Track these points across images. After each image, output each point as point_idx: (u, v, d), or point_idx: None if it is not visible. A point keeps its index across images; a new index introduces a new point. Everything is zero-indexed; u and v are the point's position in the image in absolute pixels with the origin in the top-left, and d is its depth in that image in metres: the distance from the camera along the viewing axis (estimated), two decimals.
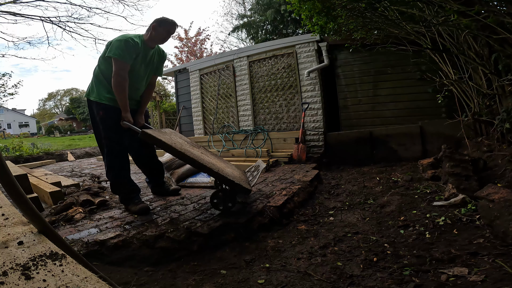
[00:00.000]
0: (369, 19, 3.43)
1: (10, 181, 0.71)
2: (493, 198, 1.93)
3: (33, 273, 0.61)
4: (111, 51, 2.20)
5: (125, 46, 2.21)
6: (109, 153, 2.34)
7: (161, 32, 2.36)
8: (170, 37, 2.44)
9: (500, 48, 2.56)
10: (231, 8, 25.59)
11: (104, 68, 2.32)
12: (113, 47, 2.20)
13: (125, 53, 2.21)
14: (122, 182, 2.41)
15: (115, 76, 2.21)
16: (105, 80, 2.32)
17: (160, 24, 2.34)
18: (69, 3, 8.86)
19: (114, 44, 2.22)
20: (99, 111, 2.31)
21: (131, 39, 2.27)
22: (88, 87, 2.44)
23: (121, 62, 2.20)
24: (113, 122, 2.30)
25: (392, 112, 4.59)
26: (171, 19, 2.39)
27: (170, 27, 2.38)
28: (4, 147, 7.97)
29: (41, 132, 35.49)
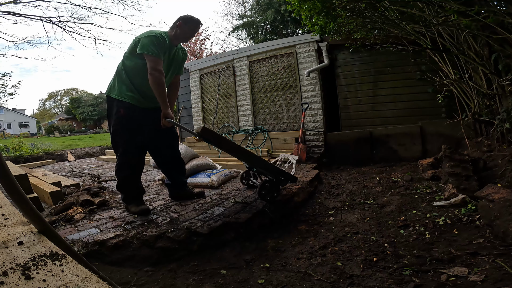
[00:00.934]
0: (369, 19, 3.43)
1: (10, 181, 0.71)
2: (493, 198, 1.93)
3: (33, 273, 0.61)
4: (143, 48, 2.13)
5: (156, 41, 2.17)
6: (123, 154, 2.29)
7: (186, 30, 2.33)
8: (193, 35, 2.43)
9: (500, 48, 2.56)
10: (231, 8, 25.62)
11: (129, 64, 2.26)
12: (145, 44, 2.14)
13: (157, 48, 2.16)
14: (130, 184, 2.36)
15: (152, 73, 2.13)
16: (127, 78, 2.27)
17: (186, 23, 2.31)
18: (69, 3, 8.86)
19: (145, 40, 2.16)
20: (119, 109, 2.24)
21: (159, 35, 2.22)
22: (109, 84, 2.38)
23: (154, 58, 2.15)
24: (133, 121, 2.25)
25: (392, 112, 4.59)
26: (197, 18, 2.36)
27: (195, 26, 2.36)
28: (4, 147, 7.97)
29: (41, 132, 35.50)
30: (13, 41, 10.59)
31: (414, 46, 3.60)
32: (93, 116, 32.14)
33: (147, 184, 3.44)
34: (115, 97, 2.27)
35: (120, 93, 2.26)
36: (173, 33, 2.32)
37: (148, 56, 2.14)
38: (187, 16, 2.33)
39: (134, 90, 2.25)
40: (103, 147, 8.76)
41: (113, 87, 2.31)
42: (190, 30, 2.34)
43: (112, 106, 2.32)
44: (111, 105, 2.33)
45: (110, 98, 2.33)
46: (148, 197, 2.79)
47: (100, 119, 32.48)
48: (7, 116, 42.11)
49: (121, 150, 2.29)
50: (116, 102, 2.26)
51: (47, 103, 55.11)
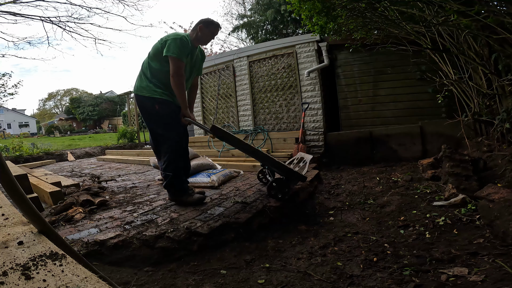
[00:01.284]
0: (369, 19, 3.43)
1: (10, 181, 0.71)
2: (493, 198, 1.93)
3: (33, 273, 0.61)
4: (169, 50, 2.23)
5: (181, 44, 2.26)
6: (169, 147, 2.38)
7: (207, 33, 2.42)
8: (213, 38, 2.52)
9: (500, 48, 2.56)
10: (231, 8, 25.62)
11: (156, 66, 2.36)
12: (171, 46, 2.24)
13: (181, 51, 2.26)
14: (179, 176, 2.44)
15: (175, 75, 2.25)
16: (154, 77, 2.37)
17: (206, 26, 2.41)
18: (69, 3, 8.87)
19: (171, 42, 2.25)
20: (154, 105, 2.34)
21: (184, 37, 2.31)
22: (136, 84, 2.46)
23: (178, 60, 2.25)
24: (170, 115, 2.36)
25: (392, 112, 4.59)
26: (216, 22, 2.47)
27: (214, 29, 2.46)
28: (4, 147, 7.97)
29: (41, 132, 35.49)
30: (13, 41, 10.60)
31: (414, 46, 3.60)
32: (93, 116, 32.15)
33: (147, 184, 3.44)
34: (147, 95, 2.36)
35: (151, 91, 2.35)
36: (194, 35, 2.42)
37: (172, 58, 2.24)
38: (208, 20, 2.43)
39: (162, 87, 2.36)
40: (103, 147, 8.76)
41: (142, 86, 2.39)
42: (211, 33, 2.44)
43: (144, 104, 2.40)
44: (143, 103, 2.41)
45: (141, 97, 2.40)
46: (148, 197, 2.79)
47: (100, 119, 32.47)
48: (7, 116, 42.12)
49: (167, 144, 2.38)
50: (149, 99, 2.36)
51: (47, 103, 55.12)
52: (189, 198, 2.43)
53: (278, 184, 2.50)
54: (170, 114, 2.36)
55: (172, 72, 2.26)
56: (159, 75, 2.36)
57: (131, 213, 2.29)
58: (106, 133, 23.47)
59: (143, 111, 2.44)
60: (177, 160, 2.40)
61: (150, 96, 2.35)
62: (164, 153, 2.41)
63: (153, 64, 2.37)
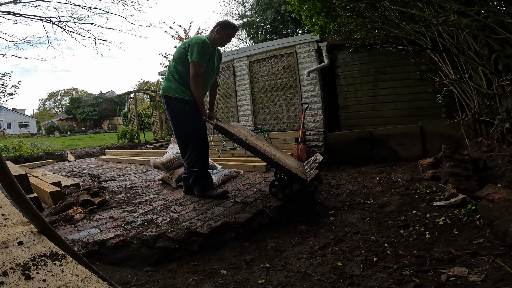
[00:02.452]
0: (369, 19, 3.43)
1: (10, 181, 0.71)
2: (493, 198, 1.93)
3: (33, 273, 0.61)
4: (192, 55, 2.37)
5: (202, 49, 2.38)
6: (196, 145, 2.53)
7: (223, 35, 2.51)
8: (230, 40, 2.60)
9: (500, 48, 2.56)
10: (231, 8, 25.60)
11: (181, 68, 2.48)
12: (194, 51, 2.37)
13: (203, 56, 2.40)
14: (206, 171, 2.63)
15: (194, 79, 2.40)
16: (180, 79, 2.50)
17: (223, 28, 2.50)
18: (69, 3, 8.87)
19: (195, 47, 2.37)
20: (184, 106, 2.48)
21: (206, 41, 2.43)
22: (164, 85, 2.58)
23: (200, 65, 2.39)
24: (198, 115, 2.51)
25: (392, 112, 4.59)
26: (234, 24, 2.57)
27: (231, 32, 2.54)
28: (4, 147, 7.97)
29: (41, 132, 35.48)
30: (13, 41, 10.61)
31: (414, 46, 3.60)
32: (93, 116, 32.15)
33: (147, 184, 3.44)
34: (176, 96, 2.49)
35: (180, 92, 2.49)
36: (212, 37, 2.52)
37: (193, 62, 2.38)
38: (225, 22, 2.52)
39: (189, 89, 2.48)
40: (103, 147, 8.76)
41: (170, 87, 2.52)
42: (227, 35, 2.52)
43: (172, 105, 2.52)
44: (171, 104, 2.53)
45: (169, 98, 2.53)
46: (148, 197, 2.79)
47: (100, 119, 32.48)
48: (7, 116, 42.12)
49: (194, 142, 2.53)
50: (178, 100, 2.49)
51: (47, 103, 55.09)
52: (213, 192, 2.61)
53: (280, 183, 2.50)
54: (198, 114, 2.50)
55: (192, 76, 2.40)
56: (185, 78, 2.48)
57: (131, 213, 2.29)
58: (106, 133, 23.48)
59: (171, 111, 2.54)
60: (203, 157, 2.57)
61: (180, 97, 2.48)
62: (191, 150, 2.55)
63: (178, 67, 2.49)
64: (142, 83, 32.05)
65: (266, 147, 2.71)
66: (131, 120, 12.21)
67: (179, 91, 2.48)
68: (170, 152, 3.42)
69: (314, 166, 2.65)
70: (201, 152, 2.56)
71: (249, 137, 2.63)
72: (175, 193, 2.92)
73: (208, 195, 2.62)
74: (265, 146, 2.69)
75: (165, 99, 2.55)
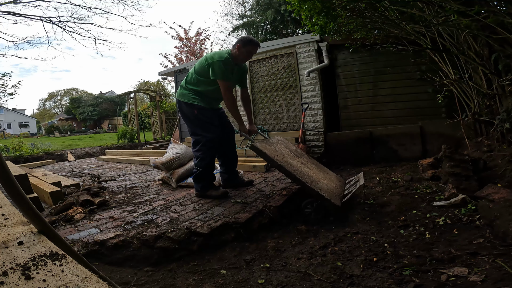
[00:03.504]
0: (369, 19, 3.42)
1: (10, 181, 0.71)
2: (493, 198, 1.93)
3: (33, 273, 0.61)
4: (215, 74, 2.50)
5: (224, 68, 2.50)
6: (202, 146, 2.63)
7: (244, 52, 2.59)
8: (251, 57, 2.70)
9: (500, 48, 2.56)
10: (231, 8, 25.55)
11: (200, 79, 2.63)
12: (215, 70, 2.49)
13: (226, 74, 2.52)
14: (208, 172, 2.70)
15: (225, 96, 2.57)
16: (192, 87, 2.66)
17: (244, 45, 2.57)
18: (69, 3, 8.86)
19: (216, 66, 2.49)
20: (193, 110, 2.63)
21: (227, 58, 2.53)
22: (178, 90, 2.78)
23: (226, 83, 2.53)
24: (207, 117, 2.65)
25: (392, 112, 4.59)
26: (255, 41, 2.62)
27: (252, 48, 2.61)
28: (4, 147, 7.97)
29: (41, 132, 35.47)
30: (13, 41, 10.60)
31: (414, 46, 3.60)
32: (93, 116, 32.14)
33: (147, 184, 3.44)
34: (188, 101, 2.66)
35: (191, 98, 2.65)
36: (234, 53, 2.61)
37: (220, 82, 2.53)
38: (246, 39, 2.60)
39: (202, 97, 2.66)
40: (103, 147, 8.76)
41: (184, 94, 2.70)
42: (247, 52, 2.61)
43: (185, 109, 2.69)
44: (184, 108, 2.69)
45: (182, 103, 2.70)
46: (148, 197, 2.79)
47: (100, 119, 32.48)
48: (7, 116, 42.12)
49: (200, 144, 2.64)
50: (189, 105, 2.65)
51: (47, 103, 55.07)
52: (213, 193, 2.66)
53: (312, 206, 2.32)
54: (207, 118, 2.64)
55: (223, 93, 2.57)
56: (201, 87, 2.64)
57: (131, 213, 2.29)
58: (106, 133, 23.47)
59: (183, 114, 2.73)
60: (208, 158, 2.64)
61: (190, 102, 2.64)
62: (198, 149, 2.65)
63: (197, 78, 2.64)
64: (142, 83, 32.01)
65: (303, 165, 2.61)
66: (131, 120, 12.21)
67: (189, 97, 2.65)
68: (170, 152, 3.42)
69: (354, 189, 2.42)
70: (206, 154, 2.63)
71: (286, 155, 2.59)
72: (175, 193, 2.92)
73: (207, 195, 2.66)
74: (302, 165, 2.59)
75: (178, 103, 2.76)
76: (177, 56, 18.20)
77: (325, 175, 2.74)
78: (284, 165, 2.31)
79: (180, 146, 3.56)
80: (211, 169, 2.73)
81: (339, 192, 2.47)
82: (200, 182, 2.70)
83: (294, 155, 2.79)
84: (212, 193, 2.66)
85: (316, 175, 2.56)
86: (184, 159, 3.39)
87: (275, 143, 2.78)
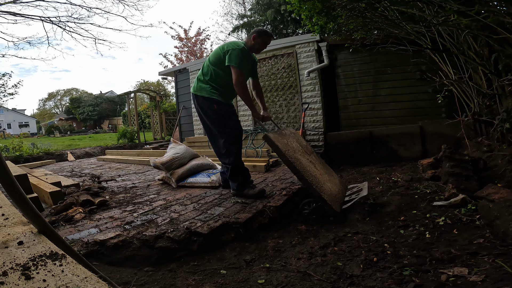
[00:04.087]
0: (369, 19, 3.43)
1: (10, 181, 0.71)
2: (493, 198, 1.93)
3: (33, 273, 0.61)
4: (231, 60, 2.46)
5: (241, 55, 2.47)
6: (226, 141, 2.58)
7: (259, 41, 2.62)
8: (265, 47, 2.71)
9: (500, 48, 2.56)
10: (231, 8, 25.56)
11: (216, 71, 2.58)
12: (232, 56, 2.46)
13: (243, 61, 2.49)
14: (240, 167, 2.63)
15: (238, 83, 2.50)
16: (212, 80, 2.61)
17: (259, 35, 2.60)
18: (69, 3, 8.86)
19: (233, 53, 2.46)
20: (212, 104, 2.58)
21: (243, 47, 2.53)
22: (195, 84, 2.71)
23: (239, 70, 2.48)
24: (227, 111, 2.61)
25: (392, 112, 4.59)
26: (270, 32, 2.66)
27: (267, 39, 2.64)
28: (4, 147, 7.97)
29: (41, 132, 35.46)
30: (13, 41, 10.60)
31: (414, 46, 3.60)
32: (93, 116, 32.14)
33: (147, 184, 3.44)
34: (206, 95, 2.59)
35: (209, 92, 2.59)
36: (248, 43, 2.63)
37: (234, 68, 2.47)
38: (262, 30, 2.63)
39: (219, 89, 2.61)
40: (103, 147, 8.76)
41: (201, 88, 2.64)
42: (262, 42, 2.63)
43: (201, 103, 2.63)
44: (201, 102, 2.63)
45: (199, 97, 2.64)
46: (148, 197, 2.79)
47: (100, 119, 32.48)
48: (7, 116, 42.13)
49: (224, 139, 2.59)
50: (207, 99, 2.59)
51: (47, 103, 55.05)
52: (250, 191, 2.58)
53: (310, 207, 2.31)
54: (226, 113, 2.60)
55: (235, 82, 2.49)
56: (218, 79, 2.60)
57: (131, 213, 2.29)
58: (106, 133, 23.47)
59: (201, 109, 2.66)
60: (234, 152, 2.59)
61: (209, 96, 2.58)
62: (222, 146, 2.61)
63: (213, 69, 2.59)
64: (142, 83, 32.03)
65: (311, 164, 2.48)
66: (131, 120, 12.21)
67: (208, 91, 2.59)
68: (170, 152, 3.42)
69: (355, 198, 2.35)
70: (231, 149, 2.58)
71: (297, 151, 2.46)
72: (175, 193, 2.92)
73: (244, 194, 2.59)
74: (310, 164, 2.47)
75: (195, 98, 2.68)
76: (177, 56, 18.21)
77: (330, 178, 2.64)
78: (294, 161, 2.22)
79: (180, 146, 3.56)
80: (241, 163, 2.65)
81: (341, 198, 2.42)
82: (236, 180, 2.62)
83: (304, 151, 2.65)
84: (249, 192, 2.58)
85: (322, 176, 2.46)
86: (184, 159, 3.39)
87: (288, 136, 2.65)
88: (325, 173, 2.64)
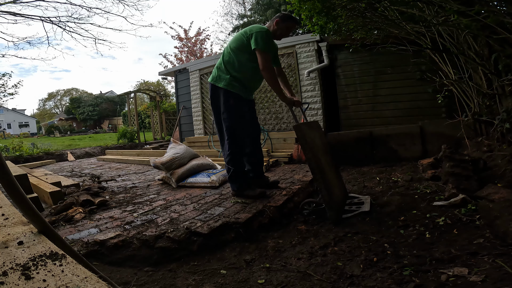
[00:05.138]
0: (369, 19, 3.43)
1: (10, 181, 0.71)
2: (493, 198, 1.93)
3: (33, 273, 0.61)
4: (258, 44, 2.25)
5: (267, 38, 2.29)
6: (232, 141, 2.45)
7: (283, 27, 2.41)
8: (288, 35, 2.50)
9: (500, 48, 2.56)
10: (231, 8, 25.59)
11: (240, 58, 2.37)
12: (259, 40, 2.25)
13: (269, 45, 2.31)
14: (242, 169, 2.54)
15: (265, 68, 2.28)
16: (233, 70, 2.41)
17: (283, 21, 2.40)
18: (69, 3, 8.86)
19: (258, 36, 2.26)
20: (229, 99, 2.39)
21: (268, 31, 2.35)
22: (214, 74, 2.51)
23: (266, 54, 2.28)
24: (241, 111, 2.44)
25: (392, 112, 4.59)
26: (296, 18, 2.47)
27: (291, 25, 2.44)
28: (4, 147, 7.97)
29: (41, 132, 35.45)
30: (13, 41, 10.60)
31: (414, 46, 3.60)
32: (93, 116, 32.15)
33: (147, 184, 3.44)
34: (223, 87, 2.40)
35: (229, 84, 2.40)
36: (271, 29, 2.42)
37: (261, 52, 2.26)
38: (286, 14, 2.43)
39: (240, 82, 2.42)
40: (103, 147, 8.76)
41: (220, 77, 2.45)
42: (286, 28, 2.42)
43: (218, 95, 2.45)
44: (217, 94, 2.46)
45: (217, 88, 2.45)
46: (148, 197, 2.79)
47: (100, 119, 32.48)
48: (7, 116, 42.14)
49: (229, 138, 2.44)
50: (224, 91, 2.41)
51: (47, 103, 55.07)
52: (251, 193, 2.51)
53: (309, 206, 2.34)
54: (241, 112, 2.44)
55: (262, 66, 2.28)
56: (241, 67, 2.39)
57: (131, 213, 2.29)
58: (106, 133, 23.48)
59: (216, 100, 2.48)
60: (238, 153, 2.49)
61: (227, 89, 2.40)
62: (227, 147, 2.49)
63: (235, 56, 2.39)
64: (142, 83, 32.04)
65: (327, 165, 2.37)
66: (131, 120, 12.21)
67: (229, 83, 2.40)
68: (170, 152, 3.42)
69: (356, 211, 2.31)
70: (235, 150, 2.47)
71: (319, 149, 2.34)
72: (175, 193, 2.92)
73: (245, 195, 2.54)
74: (327, 165, 2.36)
75: (212, 88, 2.49)
76: (177, 56, 18.22)
77: (338, 183, 2.55)
78: (316, 161, 2.14)
79: (180, 146, 3.56)
80: (242, 165, 2.58)
81: (343, 205, 2.41)
82: (237, 182, 2.55)
83: (324, 151, 2.50)
84: (249, 193, 2.52)
85: (333, 181, 2.36)
86: (184, 159, 3.39)
87: (314, 130, 2.47)
88: (336, 177, 2.56)
